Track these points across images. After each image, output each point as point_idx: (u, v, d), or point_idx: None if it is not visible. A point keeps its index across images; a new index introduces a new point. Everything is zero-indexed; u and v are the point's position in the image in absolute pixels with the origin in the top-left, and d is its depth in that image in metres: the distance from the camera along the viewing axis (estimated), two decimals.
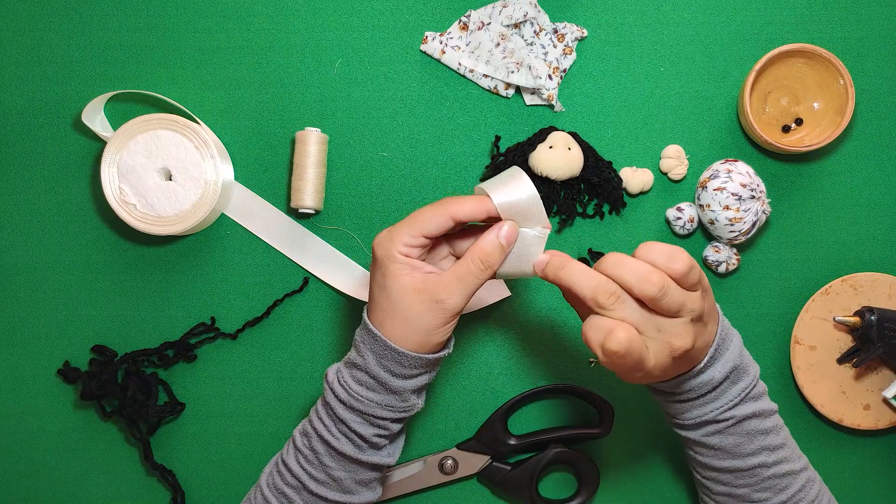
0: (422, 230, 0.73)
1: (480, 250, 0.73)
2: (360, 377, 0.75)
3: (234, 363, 0.94)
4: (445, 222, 0.73)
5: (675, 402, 0.76)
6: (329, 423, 0.76)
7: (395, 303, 0.73)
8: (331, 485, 0.77)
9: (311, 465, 0.77)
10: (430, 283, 0.73)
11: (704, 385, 0.74)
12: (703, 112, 0.94)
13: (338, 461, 0.77)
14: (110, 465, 0.94)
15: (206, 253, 0.94)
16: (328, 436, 0.76)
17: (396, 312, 0.74)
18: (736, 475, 0.77)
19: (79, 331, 0.94)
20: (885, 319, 0.88)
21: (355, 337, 0.77)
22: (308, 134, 0.91)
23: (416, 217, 0.74)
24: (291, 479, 0.78)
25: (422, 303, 0.73)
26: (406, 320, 0.73)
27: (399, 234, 0.74)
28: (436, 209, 0.74)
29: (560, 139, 0.90)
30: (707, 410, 0.75)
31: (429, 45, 0.93)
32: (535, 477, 0.91)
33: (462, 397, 0.94)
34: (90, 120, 0.91)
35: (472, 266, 0.73)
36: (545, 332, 0.94)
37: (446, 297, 0.73)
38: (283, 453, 0.80)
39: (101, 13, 0.94)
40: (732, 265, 0.92)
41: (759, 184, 0.88)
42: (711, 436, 0.76)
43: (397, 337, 0.74)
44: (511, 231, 0.74)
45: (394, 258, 0.73)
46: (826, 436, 0.94)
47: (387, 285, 0.74)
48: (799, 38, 0.94)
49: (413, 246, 0.74)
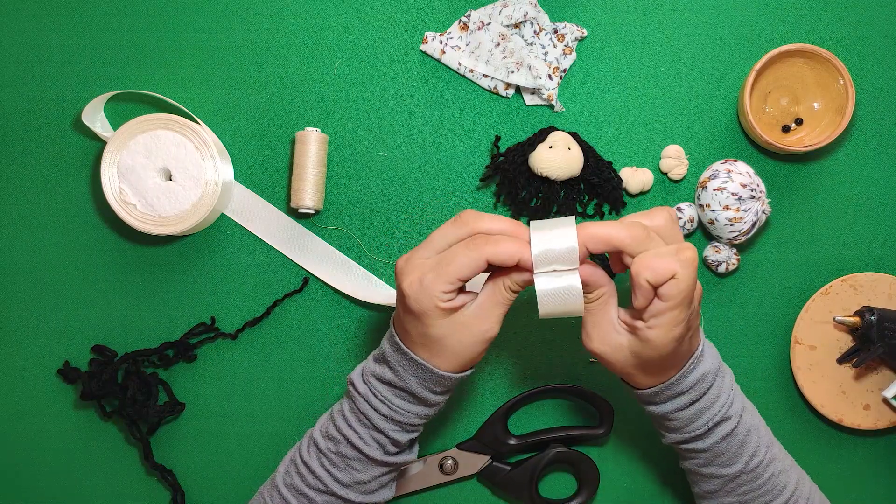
0: (458, 276, 0.71)
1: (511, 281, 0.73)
2: (400, 395, 0.76)
3: (234, 363, 0.94)
4: (481, 266, 0.71)
5: (685, 411, 0.77)
6: (362, 431, 0.77)
7: (443, 343, 0.74)
8: (355, 487, 0.78)
9: (337, 469, 0.78)
10: (474, 317, 0.73)
11: (706, 378, 0.75)
12: (703, 112, 0.94)
13: (366, 465, 0.77)
14: (110, 465, 0.94)
15: (206, 253, 0.94)
16: (360, 443, 0.77)
17: (444, 349, 0.74)
18: (740, 481, 0.78)
19: (79, 331, 0.94)
20: (885, 319, 0.88)
21: (388, 358, 0.76)
22: (308, 134, 0.91)
23: (450, 263, 0.71)
24: (314, 480, 0.78)
25: (469, 337, 0.73)
26: (454, 354, 0.74)
27: (435, 285, 0.71)
28: (471, 254, 0.71)
29: (560, 139, 0.90)
30: (715, 410, 0.76)
31: (429, 45, 0.93)
32: (535, 477, 0.91)
33: (462, 397, 0.94)
34: (90, 120, 0.91)
35: (501, 294, 0.73)
36: (545, 332, 0.94)
37: (488, 326, 0.73)
38: (301, 454, 0.79)
39: (101, 13, 0.94)
40: (732, 265, 0.92)
41: (759, 184, 0.88)
42: (721, 440, 0.77)
43: (443, 366, 0.75)
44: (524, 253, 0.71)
45: (436, 312, 0.72)
46: (826, 436, 0.94)
47: (432, 334, 0.73)
48: (799, 38, 0.94)
49: (450, 292, 0.72)
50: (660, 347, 0.72)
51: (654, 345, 0.72)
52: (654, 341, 0.72)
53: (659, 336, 0.71)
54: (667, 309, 0.70)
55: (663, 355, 0.73)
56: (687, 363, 0.75)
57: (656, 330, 0.71)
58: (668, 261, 0.70)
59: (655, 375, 0.75)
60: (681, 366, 0.75)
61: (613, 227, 0.71)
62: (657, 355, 0.73)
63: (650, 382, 0.76)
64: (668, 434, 0.79)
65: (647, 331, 0.72)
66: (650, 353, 0.73)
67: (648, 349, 0.72)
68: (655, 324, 0.71)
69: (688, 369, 0.75)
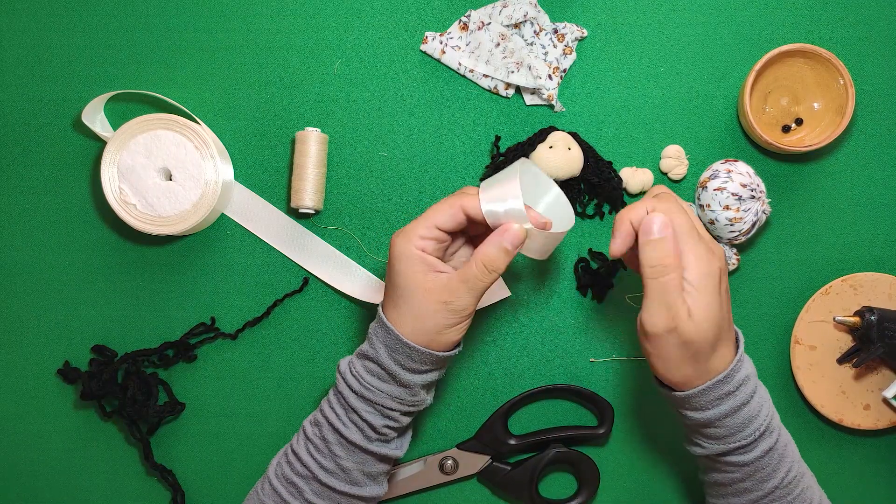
0: (435, 222, 0.75)
1: (485, 255, 0.74)
2: (371, 368, 0.77)
3: (234, 363, 0.94)
4: (457, 214, 0.75)
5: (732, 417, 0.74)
6: (340, 413, 0.77)
7: (407, 300, 0.75)
8: (339, 475, 0.78)
9: (320, 455, 0.78)
10: (439, 284, 0.74)
11: (750, 379, 0.74)
12: (703, 112, 0.94)
13: (347, 451, 0.77)
14: (110, 465, 0.94)
15: (206, 253, 0.94)
16: (339, 425, 0.77)
17: (409, 309, 0.75)
18: (774, 496, 0.76)
19: (79, 331, 0.94)
20: (885, 319, 0.88)
21: (369, 330, 0.78)
22: (308, 134, 0.91)
23: (429, 210, 0.76)
24: (301, 467, 0.78)
25: (431, 303, 0.74)
26: (417, 318, 0.75)
27: (413, 228, 0.75)
28: (449, 201, 0.76)
29: (560, 139, 0.90)
30: (762, 418, 0.74)
31: (429, 45, 0.93)
32: (535, 477, 0.91)
33: (462, 397, 0.94)
34: (90, 120, 0.91)
35: (477, 271, 0.74)
36: (545, 332, 0.94)
37: (454, 299, 0.74)
38: (292, 444, 0.80)
39: (101, 13, 0.94)
40: (732, 265, 0.92)
41: (759, 184, 0.88)
42: (765, 454, 0.75)
43: (409, 332, 0.75)
44: (517, 235, 0.74)
45: (408, 254, 0.74)
46: (826, 436, 0.94)
47: (400, 282, 0.75)
48: (799, 38, 0.94)
49: (427, 238, 0.75)
50: (705, 324, 0.71)
51: (699, 325, 0.71)
52: (700, 318, 0.71)
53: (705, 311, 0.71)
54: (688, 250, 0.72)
55: (709, 340, 0.71)
56: (733, 360, 0.73)
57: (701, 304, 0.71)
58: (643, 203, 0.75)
59: (703, 371, 0.73)
60: (726, 362, 0.73)
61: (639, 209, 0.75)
62: (702, 338, 0.71)
63: (697, 380, 0.73)
64: (707, 444, 0.76)
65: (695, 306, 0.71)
66: (697, 334, 0.71)
67: (695, 330, 0.71)
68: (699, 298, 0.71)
69: (735, 367, 0.73)
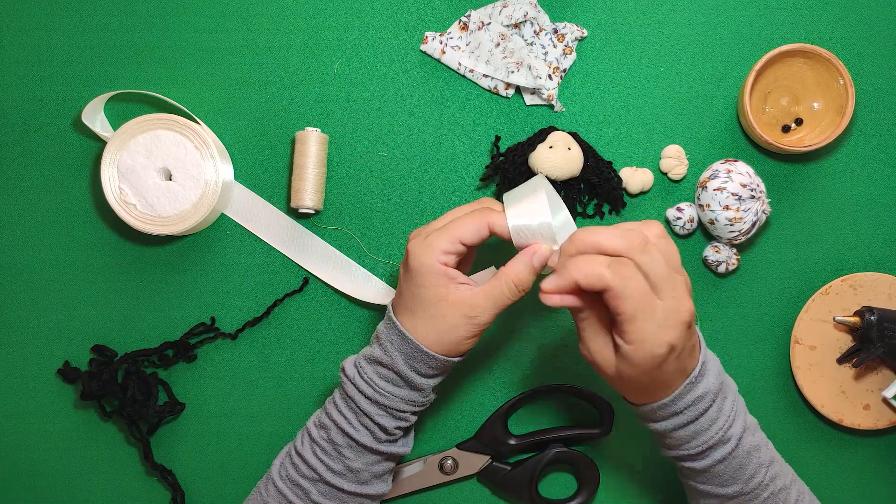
0: (459, 237, 0.74)
1: (515, 275, 0.74)
2: (385, 374, 0.76)
3: (234, 363, 0.94)
4: (483, 231, 0.74)
5: (680, 431, 0.75)
6: (350, 416, 0.77)
7: (428, 311, 0.74)
8: (348, 476, 0.78)
9: (328, 457, 0.78)
10: (464, 299, 0.74)
11: (704, 399, 0.73)
12: (703, 112, 0.94)
13: (357, 452, 0.77)
14: (110, 465, 0.94)
15: (206, 253, 0.94)
16: (349, 428, 0.77)
17: (429, 320, 0.74)
18: (737, 501, 0.77)
19: (79, 331, 0.94)
20: (885, 319, 0.88)
21: (379, 335, 0.77)
22: (308, 134, 0.91)
23: (455, 225, 0.74)
24: (307, 469, 0.78)
25: (455, 316, 0.74)
26: (438, 330, 0.74)
27: (437, 241, 0.74)
28: (475, 219, 0.74)
29: (560, 139, 0.90)
30: (712, 432, 0.74)
31: (429, 45, 0.93)
32: (535, 477, 0.91)
33: (462, 397, 0.94)
34: (90, 120, 0.91)
35: (506, 289, 0.74)
36: (545, 332, 0.94)
37: (479, 314, 0.74)
38: (296, 446, 0.80)
39: (101, 13, 0.94)
40: (732, 265, 0.92)
41: (759, 184, 0.88)
42: (717, 463, 0.75)
43: (429, 342, 0.75)
44: (545, 255, 0.74)
45: (432, 268, 0.74)
46: (826, 436, 0.94)
47: (422, 295, 0.74)
48: (799, 38, 0.94)
49: (451, 253, 0.74)
50: (638, 366, 0.69)
51: (631, 362, 0.70)
52: (631, 358, 0.69)
53: (636, 354, 0.69)
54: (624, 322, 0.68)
55: (645, 374, 0.70)
56: (683, 384, 0.72)
57: (632, 346, 0.69)
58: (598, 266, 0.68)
59: (647, 394, 0.73)
60: (675, 386, 0.72)
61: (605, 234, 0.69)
62: (638, 374, 0.70)
63: (642, 400, 0.74)
64: (665, 450, 0.78)
65: (624, 346, 0.69)
66: (630, 371, 0.70)
67: (628, 367, 0.70)
68: (631, 340, 0.69)
69: (683, 390, 0.72)
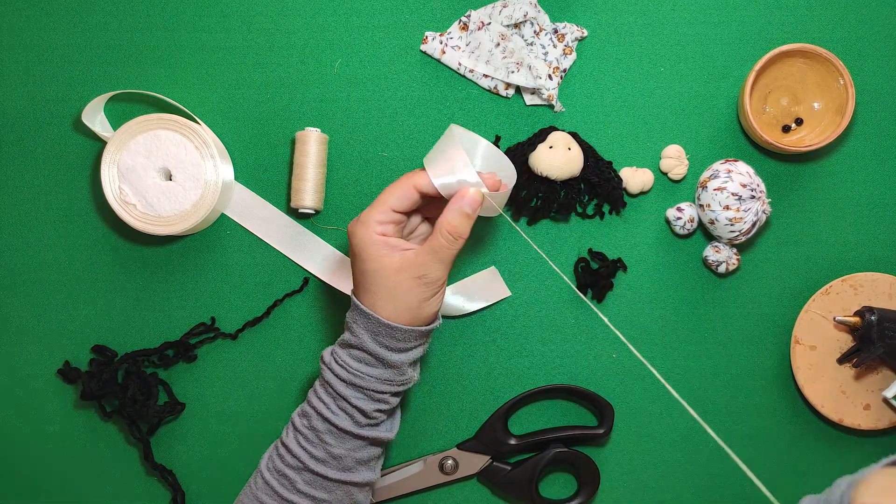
0: (391, 206, 0.76)
1: (448, 223, 0.76)
2: (357, 355, 0.77)
3: (234, 363, 0.94)
4: (411, 195, 0.77)
5: None
6: (329, 401, 0.78)
7: (380, 284, 0.76)
8: (331, 463, 0.78)
9: (310, 445, 0.78)
10: (408, 261, 0.76)
11: None
12: (703, 112, 0.94)
13: (338, 438, 0.77)
14: (110, 465, 0.94)
15: (206, 253, 0.94)
16: (328, 413, 0.77)
17: (383, 292, 0.76)
18: None
19: (79, 331, 0.94)
20: (885, 319, 0.88)
21: (347, 319, 0.79)
22: (308, 134, 0.91)
23: (382, 195, 0.77)
24: (292, 459, 0.78)
25: (405, 280, 0.75)
26: (394, 299, 0.76)
27: (369, 215, 0.76)
28: (400, 183, 0.77)
29: (560, 139, 0.90)
30: None
31: (429, 45, 0.93)
32: (535, 477, 0.91)
33: (462, 397, 0.94)
34: (90, 120, 0.91)
35: (444, 240, 0.76)
36: (545, 332, 0.94)
37: (426, 272, 0.76)
38: (282, 437, 0.80)
39: (101, 13, 0.94)
40: (732, 265, 0.92)
41: (759, 184, 0.88)
42: None
43: (388, 314, 0.76)
44: (475, 198, 0.76)
45: (370, 240, 0.76)
46: (826, 436, 0.94)
47: (368, 269, 0.76)
48: (799, 38, 0.94)
49: (386, 223, 0.76)
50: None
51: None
52: None
53: None
54: None
55: None
56: None
57: None
58: None
59: None
60: None
61: None
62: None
63: None
64: None
65: None
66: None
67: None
68: None
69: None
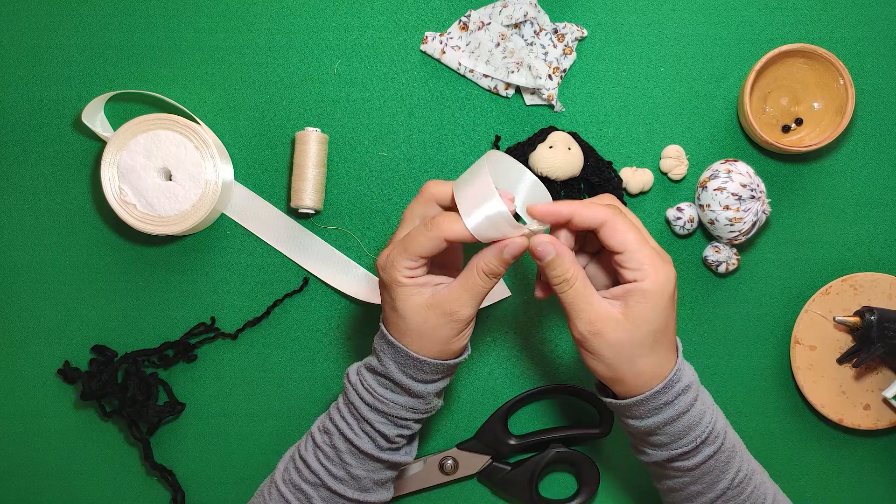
0: (417, 252, 0.73)
1: (486, 265, 0.73)
2: (384, 382, 0.76)
3: (234, 363, 0.94)
4: (440, 245, 0.73)
5: (673, 425, 0.75)
6: (352, 423, 0.77)
7: (409, 321, 0.74)
8: (349, 483, 0.78)
9: (330, 463, 0.77)
10: (439, 298, 0.74)
11: (690, 388, 0.74)
12: (703, 112, 0.94)
13: (358, 459, 0.77)
14: (110, 465, 0.94)
15: (206, 253, 0.94)
16: (351, 434, 0.77)
17: (412, 329, 0.74)
18: (725, 497, 0.77)
19: (79, 331, 0.94)
20: (885, 319, 0.88)
21: (374, 345, 0.78)
22: (308, 134, 0.91)
23: (410, 241, 0.73)
24: (310, 475, 0.78)
25: (435, 317, 0.74)
26: (423, 335, 0.74)
27: (399, 259, 0.73)
28: (428, 234, 0.73)
29: (560, 139, 0.90)
30: (704, 425, 0.74)
31: (429, 45, 0.93)
32: (536, 477, 0.91)
33: (462, 397, 0.94)
34: (90, 120, 0.91)
35: (479, 279, 0.74)
36: (545, 332, 0.94)
37: (457, 308, 0.74)
38: (300, 450, 0.80)
39: (101, 13, 0.94)
40: (732, 265, 0.92)
41: (759, 184, 0.88)
42: (709, 459, 0.75)
43: (417, 348, 0.75)
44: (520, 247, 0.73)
45: (399, 283, 0.74)
46: (826, 436, 0.94)
47: (398, 307, 0.74)
48: (799, 38, 0.94)
49: (413, 268, 0.74)
50: (654, 303, 0.71)
51: (647, 298, 0.71)
52: (648, 293, 0.71)
53: (652, 285, 0.71)
54: (631, 252, 0.71)
55: (658, 318, 0.72)
56: (672, 371, 0.73)
57: (647, 277, 0.71)
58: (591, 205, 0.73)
59: (639, 376, 0.73)
60: (665, 372, 0.73)
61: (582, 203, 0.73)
62: (651, 318, 0.71)
63: (635, 384, 0.74)
64: (651, 451, 0.77)
65: (639, 282, 0.71)
66: (642, 317, 0.71)
67: (641, 311, 0.71)
68: (643, 269, 0.71)
69: (673, 378, 0.73)
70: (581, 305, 0.73)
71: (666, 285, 0.72)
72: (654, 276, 0.71)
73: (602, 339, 0.72)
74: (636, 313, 0.72)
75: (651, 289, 0.71)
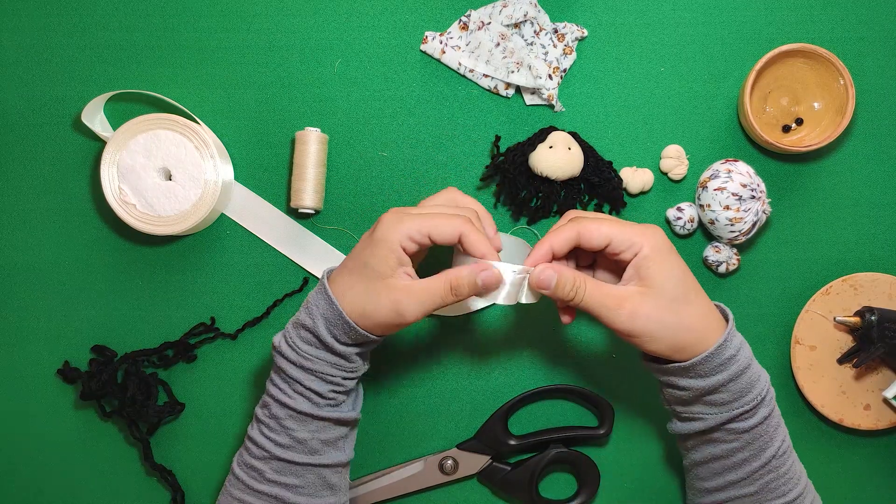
0: (431, 234, 0.75)
1: (456, 279, 0.75)
2: (307, 337, 0.77)
3: (234, 363, 0.94)
4: (452, 239, 0.75)
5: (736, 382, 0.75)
6: (284, 387, 0.78)
7: (367, 282, 0.75)
8: (296, 447, 0.78)
9: (273, 433, 0.78)
10: (401, 286, 0.75)
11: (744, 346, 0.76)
12: (703, 112, 0.94)
13: (299, 422, 0.78)
14: (110, 465, 0.94)
15: (206, 253, 0.94)
16: (285, 398, 0.77)
17: (362, 292, 0.75)
18: (769, 466, 0.77)
19: (79, 331, 0.94)
20: (885, 319, 0.88)
21: (308, 298, 0.78)
22: (308, 134, 0.91)
23: (432, 219, 0.75)
24: (258, 450, 0.78)
25: (386, 299, 0.74)
26: (366, 305, 0.75)
27: (409, 224, 0.75)
28: (452, 222, 0.75)
29: (560, 139, 0.90)
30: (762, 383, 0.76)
31: (429, 45, 0.93)
32: (536, 477, 0.91)
33: (462, 397, 0.94)
34: (90, 120, 0.91)
35: (442, 288, 0.75)
36: (545, 332, 0.94)
37: (406, 304, 0.74)
38: (248, 432, 0.80)
39: (101, 13, 0.94)
40: (732, 265, 0.92)
41: (760, 184, 0.88)
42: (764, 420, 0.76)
43: (351, 310, 0.75)
44: (491, 279, 0.76)
45: (391, 245, 0.74)
46: (826, 436, 0.94)
47: (369, 264, 0.75)
48: (799, 38, 0.94)
49: (416, 242, 0.75)
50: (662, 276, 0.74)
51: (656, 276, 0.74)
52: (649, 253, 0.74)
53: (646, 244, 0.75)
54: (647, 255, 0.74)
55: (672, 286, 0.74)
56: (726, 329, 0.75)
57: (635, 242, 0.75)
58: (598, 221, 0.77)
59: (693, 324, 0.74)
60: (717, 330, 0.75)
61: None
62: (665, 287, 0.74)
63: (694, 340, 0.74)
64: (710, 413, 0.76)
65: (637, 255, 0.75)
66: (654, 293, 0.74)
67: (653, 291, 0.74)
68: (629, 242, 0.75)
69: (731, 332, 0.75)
70: (603, 300, 0.75)
71: (662, 242, 0.75)
72: (647, 241, 0.75)
73: (639, 318, 0.74)
74: (652, 277, 0.74)
75: (650, 252, 0.75)
